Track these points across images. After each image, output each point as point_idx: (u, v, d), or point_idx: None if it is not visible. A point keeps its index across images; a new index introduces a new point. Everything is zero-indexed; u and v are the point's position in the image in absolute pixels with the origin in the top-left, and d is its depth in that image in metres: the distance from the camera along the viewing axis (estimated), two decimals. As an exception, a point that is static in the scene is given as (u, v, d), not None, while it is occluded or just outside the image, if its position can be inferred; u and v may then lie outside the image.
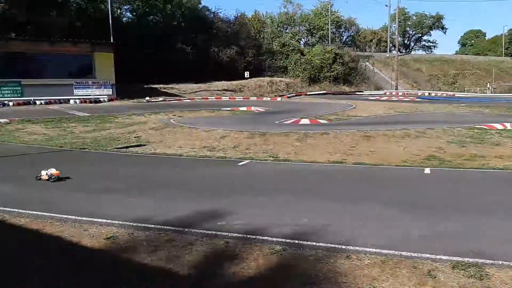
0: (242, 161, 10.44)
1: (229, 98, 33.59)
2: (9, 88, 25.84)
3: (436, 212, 5.98)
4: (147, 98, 29.65)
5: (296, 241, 4.85)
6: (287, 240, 4.88)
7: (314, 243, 4.79)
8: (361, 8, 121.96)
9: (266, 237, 4.96)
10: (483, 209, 6.20)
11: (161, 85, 35.68)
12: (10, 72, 26.48)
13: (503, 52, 76.36)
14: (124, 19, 43.90)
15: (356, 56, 50.49)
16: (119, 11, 42.61)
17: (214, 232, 5.12)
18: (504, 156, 10.68)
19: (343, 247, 4.67)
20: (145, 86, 34.52)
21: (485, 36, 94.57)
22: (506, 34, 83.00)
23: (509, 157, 10.48)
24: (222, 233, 5.11)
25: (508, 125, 15.39)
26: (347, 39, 64.33)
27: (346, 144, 12.42)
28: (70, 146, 12.86)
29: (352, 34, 65.85)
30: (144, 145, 13.04)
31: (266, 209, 6.23)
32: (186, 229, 5.22)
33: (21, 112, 21.95)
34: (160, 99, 30.47)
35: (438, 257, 4.36)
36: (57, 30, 33.06)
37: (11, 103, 24.86)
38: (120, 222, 5.53)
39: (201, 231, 5.17)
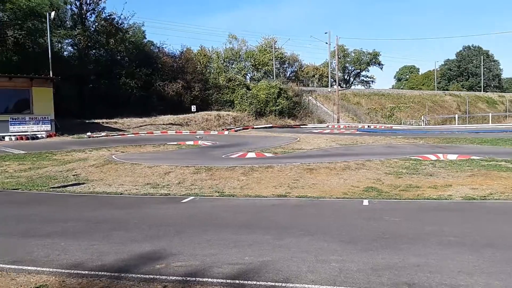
0: (187, 198, 10.30)
1: (176, 132, 33.30)
2: None
3: (374, 245, 6.13)
4: (89, 133, 28.79)
5: (237, 281, 4.78)
6: (228, 281, 4.80)
7: (254, 282, 4.74)
8: (303, 45, 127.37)
9: (207, 279, 4.85)
10: (418, 239, 6.43)
11: (104, 120, 34.83)
12: None
13: (436, 86, 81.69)
14: (65, 53, 42.92)
15: (300, 90, 52.01)
16: (59, 45, 41.61)
17: (152, 276, 4.93)
18: (438, 186, 11.23)
19: (283, 284, 4.65)
20: (87, 121, 33.57)
21: (419, 71, 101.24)
22: (438, 69, 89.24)
23: (442, 187, 11.03)
24: (161, 277, 4.93)
25: (441, 156, 16.26)
26: (291, 75, 66.28)
27: (290, 177, 12.60)
28: (1, 187, 12.13)
29: (296, 69, 67.96)
30: (83, 183, 12.55)
31: (208, 248, 6.12)
32: (123, 274, 5.00)
33: (-52, 150, 20.57)
34: (103, 134, 29.67)
35: (374, 291, 4.45)
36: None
37: None
38: (51, 269, 5.21)
39: (139, 275, 4.96)
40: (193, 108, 40.06)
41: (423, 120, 50.94)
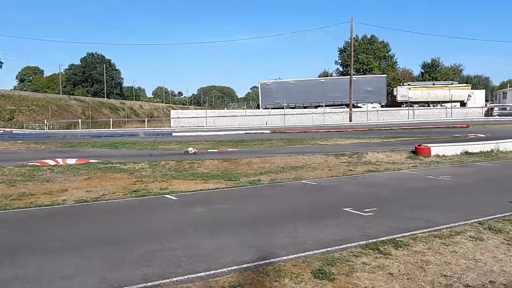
0: None
1: None
2: None
3: None
4: None
5: None
6: None
7: None
8: None
9: None
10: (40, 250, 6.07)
11: None
12: None
13: (61, 90, 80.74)
14: None
15: None
16: None
17: None
18: (53, 191, 11.01)
19: None
20: None
21: (43, 73, 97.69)
22: (63, 73, 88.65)
23: (57, 192, 10.87)
24: None
25: (60, 161, 16.11)
26: None
27: None
28: None
29: None
30: None
31: None
32: None
33: None
34: None
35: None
36: None
37: None
38: None
39: None
40: None
41: (46, 124, 49.33)
